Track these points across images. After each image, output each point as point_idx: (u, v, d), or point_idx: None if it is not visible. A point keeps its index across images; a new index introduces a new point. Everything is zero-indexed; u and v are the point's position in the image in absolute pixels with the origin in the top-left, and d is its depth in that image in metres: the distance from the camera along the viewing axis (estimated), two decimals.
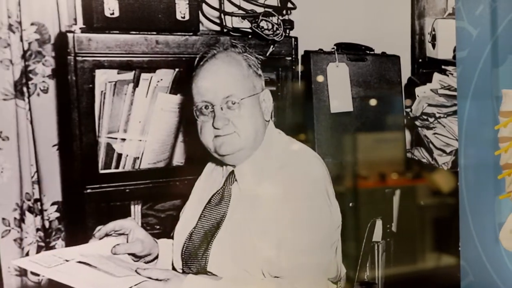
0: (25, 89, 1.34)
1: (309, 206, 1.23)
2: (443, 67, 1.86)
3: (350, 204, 1.75)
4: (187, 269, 1.22)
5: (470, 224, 1.52)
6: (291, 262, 1.17)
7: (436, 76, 1.87)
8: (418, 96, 1.87)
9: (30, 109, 1.37)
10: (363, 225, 1.77)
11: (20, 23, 1.30)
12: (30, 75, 1.35)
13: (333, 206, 1.29)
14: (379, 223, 1.82)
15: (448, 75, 1.87)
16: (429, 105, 1.84)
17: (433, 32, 1.92)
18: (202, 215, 1.25)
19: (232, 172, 1.25)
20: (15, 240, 1.35)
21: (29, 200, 1.36)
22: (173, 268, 1.25)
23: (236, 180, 1.24)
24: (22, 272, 1.36)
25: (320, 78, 1.66)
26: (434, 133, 1.86)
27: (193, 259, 1.23)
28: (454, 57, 1.75)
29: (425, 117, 1.85)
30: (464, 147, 1.54)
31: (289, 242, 1.18)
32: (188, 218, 1.28)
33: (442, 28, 1.89)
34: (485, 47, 1.44)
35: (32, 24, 1.34)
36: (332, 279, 1.29)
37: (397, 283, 1.77)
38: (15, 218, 1.34)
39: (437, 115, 1.83)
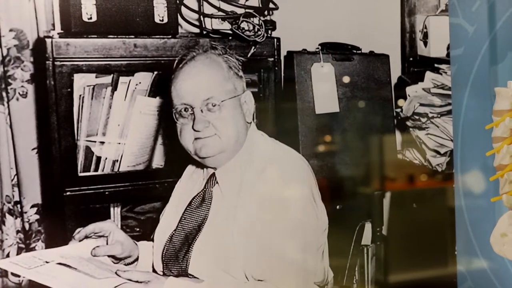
0: (4, 94, 1.45)
1: (293, 209, 1.26)
2: (436, 65, 1.89)
3: (338, 207, 1.81)
4: (168, 272, 1.28)
5: (468, 228, 1.55)
6: (275, 265, 1.22)
7: (429, 74, 1.91)
8: (409, 95, 1.90)
9: (9, 114, 1.47)
10: (352, 228, 1.82)
11: None
12: (9, 80, 1.46)
13: (319, 208, 1.33)
14: (368, 226, 1.87)
15: (441, 74, 1.90)
16: (421, 104, 1.86)
17: (425, 30, 1.97)
18: (183, 218, 1.30)
19: (213, 174, 1.30)
20: None
21: (9, 202, 1.47)
22: (154, 271, 1.30)
23: (217, 182, 1.29)
24: (3, 273, 1.46)
25: (301, 80, 1.73)
26: (427, 134, 1.89)
27: (174, 262, 1.28)
28: (447, 55, 1.79)
29: (417, 117, 1.88)
30: (461, 148, 1.56)
31: (273, 245, 1.22)
32: (169, 220, 1.33)
33: (435, 26, 1.92)
34: (483, 44, 1.44)
35: (10, 30, 1.45)
36: (318, 283, 1.33)
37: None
38: None
39: (430, 115, 1.86)
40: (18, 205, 1.48)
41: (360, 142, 1.82)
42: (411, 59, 1.99)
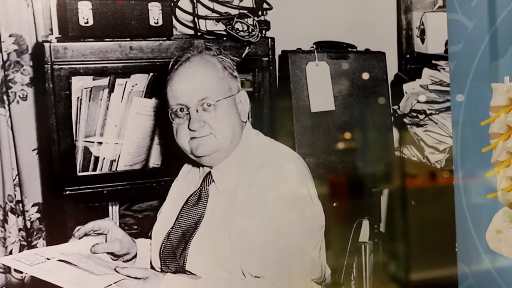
0: (5, 97, 1.55)
1: (289, 206, 1.33)
2: (433, 62, 1.93)
3: (334, 204, 1.87)
4: (166, 268, 1.34)
5: (469, 224, 1.58)
6: (272, 262, 1.28)
7: (426, 71, 1.94)
8: (406, 92, 1.95)
9: (10, 116, 1.57)
10: (349, 226, 1.87)
11: None
12: (10, 84, 1.56)
13: (316, 206, 1.39)
14: (365, 224, 1.93)
15: (439, 70, 1.94)
16: (419, 101, 1.92)
17: (422, 26, 2.01)
18: (180, 215, 1.37)
19: (209, 173, 1.36)
20: None
21: (11, 201, 1.56)
22: (152, 267, 1.37)
23: (213, 181, 1.36)
24: (6, 270, 1.56)
25: (296, 79, 1.80)
26: (425, 131, 1.92)
27: (171, 259, 1.35)
28: (446, 51, 1.79)
29: (414, 114, 1.92)
30: (461, 145, 1.56)
31: (269, 242, 1.28)
32: (166, 218, 1.40)
33: (432, 22, 1.95)
34: (483, 39, 1.45)
35: (10, 35, 1.54)
36: (316, 280, 1.40)
37: (386, 285, 1.88)
38: None
39: (428, 111, 1.90)
40: (20, 204, 1.58)
41: (356, 140, 1.88)
42: (408, 56, 2.03)
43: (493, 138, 1.37)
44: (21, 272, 1.50)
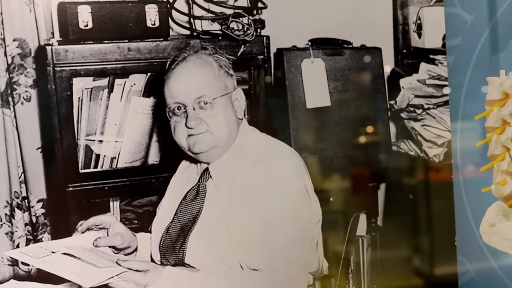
0: (10, 99, 1.66)
1: (286, 201, 1.38)
2: (431, 56, 1.98)
3: (331, 199, 1.92)
4: (165, 261, 1.41)
5: (470, 218, 1.54)
6: (269, 255, 1.33)
7: (424, 66, 1.99)
8: (403, 87, 2.00)
9: (15, 117, 1.68)
10: (346, 220, 1.91)
11: (3, 39, 1.62)
12: (14, 86, 1.67)
13: (312, 200, 1.44)
14: (363, 218, 1.99)
15: (437, 65, 1.98)
16: (416, 96, 1.96)
17: (419, 21, 2.05)
18: (178, 210, 1.44)
19: (207, 169, 1.42)
20: (6, 233, 1.68)
21: (17, 198, 1.68)
22: (152, 260, 1.44)
23: (210, 176, 1.42)
24: (14, 262, 1.68)
25: (291, 76, 1.87)
26: (423, 125, 1.97)
27: (171, 252, 1.42)
28: (443, 45, 1.82)
29: (411, 109, 1.99)
30: (460, 139, 1.56)
31: (267, 236, 1.34)
32: (165, 213, 1.46)
33: (429, 16, 2.01)
34: (483, 32, 1.46)
35: (14, 40, 1.65)
36: (313, 273, 1.46)
37: (385, 279, 1.92)
38: (6, 214, 1.66)
39: (426, 106, 1.95)
40: (26, 200, 1.71)
41: (353, 135, 1.94)
42: (404, 51, 2.10)
43: (489, 132, 1.35)
44: (28, 265, 1.60)
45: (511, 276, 1.41)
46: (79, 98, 1.67)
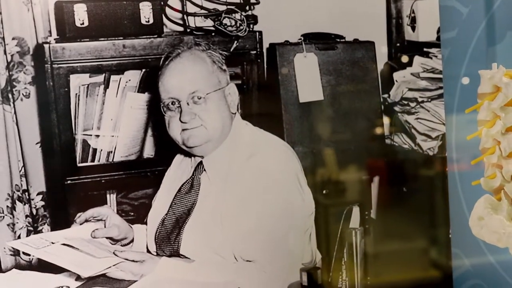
0: (10, 95, 1.75)
1: (279, 193, 1.45)
2: (425, 49, 2.02)
3: (324, 192, 1.98)
4: (161, 252, 1.49)
5: (465, 210, 1.56)
6: (263, 247, 1.40)
7: (418, 59, 2.03)
8: (396, 81, 2.06)
9: (15, 113, 1.77)
10: (339, 213, 1.95)
11: (3, 38, 1.71)
12: (14, 83, 1.76)
13: (305, 193, 1.51)
14: (356, 210, 2.03)
15: (431, 58, 2.02)
16: (410, 89, 2.02)
17: (413, 15, 2.09)
18: (173, 203, 1.51)
19: (201, 162, 1.49)
20: (8, 225, 1.78)
21: (18, 191, 1.78)
22: (148, 251, 1.52)
23: (204, 170, 1.48)
24: (16, 252, 1.77)
25: (284, 70, 1.97)
26: (417, 118, 2.02)
27: (166, 243, 1.49)
28: (438, 38, 1.86)
29: (405, 102, 2.04)
30: (455, 133, 1.60)
31: (260, 228, 1.41)
32: (160, 205, 1.54)
33: (423, 10, 2.05)
34: (479, 25, 1.49)
35: (13, 38, 1.74)
36: (306, 264, 1.52)
37: (378, 271, 1.95)
38: (7, 206, 1.77)
39: (420, 99, 2.01)
40: (26, 193, 1.80)
41: (346, 128, 2.00)
42: (398, 44, 2.15)
43: (480, 125, 1.37)
44: (29, 255, 1.68)
45: (506, 268, 1.46)
46: (76, 94, 1.76)
